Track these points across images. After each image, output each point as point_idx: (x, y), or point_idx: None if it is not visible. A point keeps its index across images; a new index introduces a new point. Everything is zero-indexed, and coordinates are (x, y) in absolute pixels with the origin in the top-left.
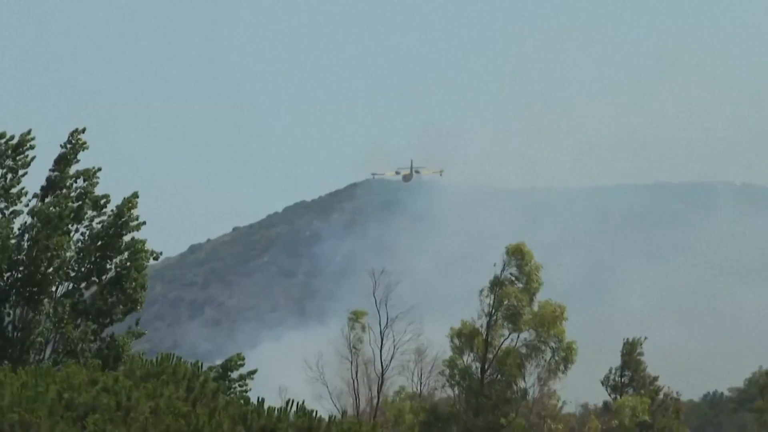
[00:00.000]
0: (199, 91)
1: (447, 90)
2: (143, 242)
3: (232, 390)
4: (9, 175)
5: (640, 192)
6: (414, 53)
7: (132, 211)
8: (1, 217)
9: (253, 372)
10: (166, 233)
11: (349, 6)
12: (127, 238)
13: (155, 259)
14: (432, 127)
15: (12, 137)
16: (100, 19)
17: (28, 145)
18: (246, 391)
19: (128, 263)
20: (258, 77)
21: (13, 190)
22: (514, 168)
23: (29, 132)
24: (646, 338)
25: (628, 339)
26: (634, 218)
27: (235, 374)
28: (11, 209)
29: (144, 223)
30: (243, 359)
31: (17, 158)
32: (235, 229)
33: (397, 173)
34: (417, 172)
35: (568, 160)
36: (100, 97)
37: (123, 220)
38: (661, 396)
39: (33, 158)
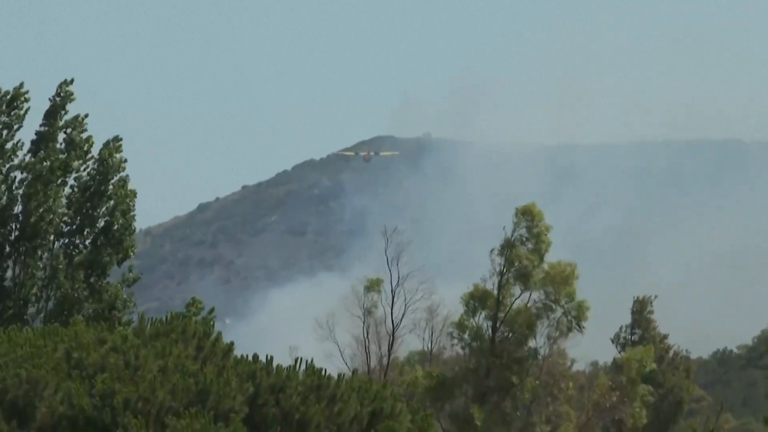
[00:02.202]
0: (208, 47)
1: (477, 45)
2: (125, 184)
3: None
4: (4, 131)
5: (679, 149)
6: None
7: (115, 154)
8: None
9: (212, 310)
10: (174, 192)
11: None
12: (113, 182)
13: (134, 196)
14: (461, 83)
15: (7, 92)
16: None
17: (22, 98)
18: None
19: (115, 210)
20: (269, 31)
21: (9, 146)
22: (548, 125)
23: (21, 85)
24: (656, 296)
25: (638, 297)
26: (672, 176)
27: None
28: (7, 165)
29: (126, 161)
30: (201, 302)
31: (11, 113)
32: (244, 187)
33: (357, 153)
34: (375, 153)
35: (604, 117)
36: (105, 52)
37: (107, 165)
38: (671, 354)
39: (27, 111)
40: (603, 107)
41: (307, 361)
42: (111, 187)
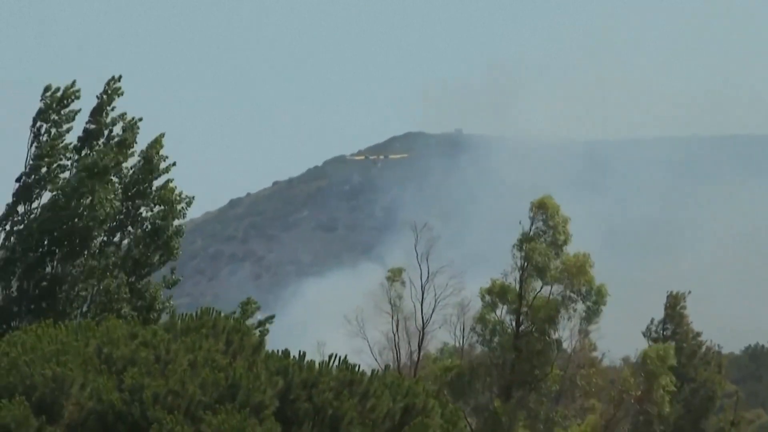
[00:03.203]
0: (239, 44)
1: (509, 40)
2: (173, 189)
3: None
4: (53, 129)
5: (711, 143)
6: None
7: (159, 153)
8: (47, 172)
9: (271, 317)
10: (206, 187)
11: None
12: (157, 182)
13: (188, 204)
14: (494, 78)
15: (57, 89)
16: None
17: (72, 97)
18: (264, 334)
19: (161, 211)
20: (302, 27)
21: (60, 144)
22: (581, 119)
23: (73, 84)
24: (690, 292)
25: (671, 292)
26: (705, 169)
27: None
28: (57, 163)
29: (174, 164)
30: (256, 303)
31: (62, 112)
32: (275, 183)
33: (367, 158)
34: (384, 157)
35: (637, 111)
36: (140, 49)
37: (152, 164)
38: (703, 350)
39: (78, 111)
40: (635, 101)
41: (340, 357)
42: (155, 188)
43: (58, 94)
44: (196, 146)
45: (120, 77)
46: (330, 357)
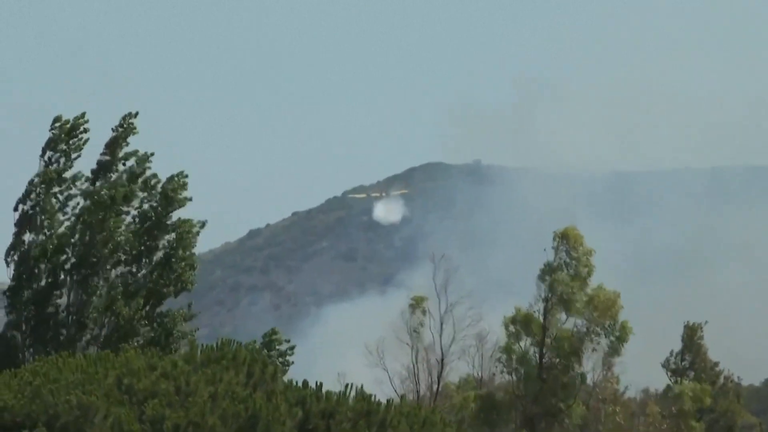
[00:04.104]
0: (258, 74)
1: (531, 67)
2: (189, 221)
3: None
4: (62, 159)
5: (741, 173)
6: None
7: (179, 189)
8: (55, 202)
9: (293, 347)
10: (225, 218)
11: None
12: (175, 216)
13: (201, 227)
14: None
15: (67, 121)
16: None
17: (81, 128)
18: (287, 365)
19: (176, 243)
20: (318, 60)
21: (67, 174)
22: (605, 149)
23: (83, 115)
24: (707, 322)
25: (688, 323)
26: (733, 200)
27: (273, 351)
28: (66, 194)
29: (190, 199)
30: (277, 333)
31: (71, 142)
32: (294, 213)
33: (369, 195)
34: (386, 194)
35: (663, 141)
36: (156, 81)
37: (170, 198)
38: (721, 380)
39: (86, 141)
40: (661, 131)
41: (356, 387)
42: (171, 221)
43: (68, 125)
44: (215, 177)
45: (137, 113)
46: (347, 387)
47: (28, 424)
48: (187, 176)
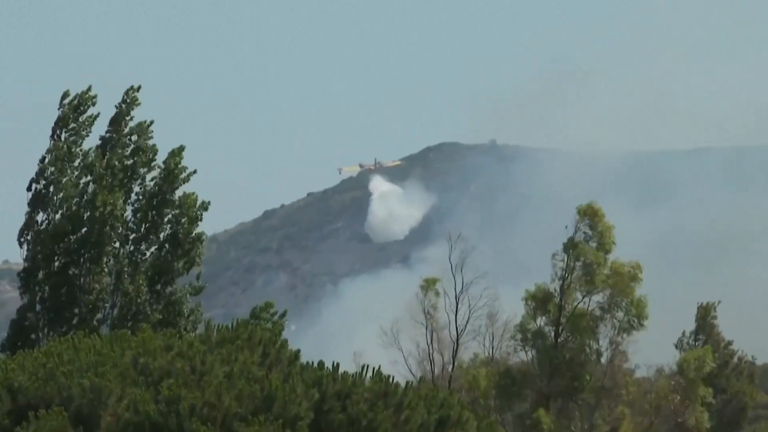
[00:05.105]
0: (273, 56)
1: (551, 46)
2: (193, 195)
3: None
4: (72, 137)
5: (757, 153)
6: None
7: (179, 164)
8: (66, 180)
9: (284, 313)
10: (240, 199)
11: None
12: (178, 192)
13: (205, 209)
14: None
15: (75, 97)
16: None
17: (89, 102)
18: (281, 330)
19: (182, 218)
20: (335, 40)
21: (77, 150)
22: (619, 131)
23: (89, 89)
24: (720, 302)
25: (701, 303)
26: (762, 181)
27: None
28: (76, 173)
29: (195, 172)
30: (273, 305)
31: (79, 119)
32: (309, 194)
33: (361, 166)
34: (379, 164)
35: (688, 121)
36: (170, 59)
37: (172, 174)
38: (735, 359)
39: (96, 117)
40: (686, 111)
41: (374, 368)
42: (177, 197)
43: (75, 101)
44: (231, 158)
45: (139, 87)
46: (363, 368)
47: (42, 406)
48: (184, 147)
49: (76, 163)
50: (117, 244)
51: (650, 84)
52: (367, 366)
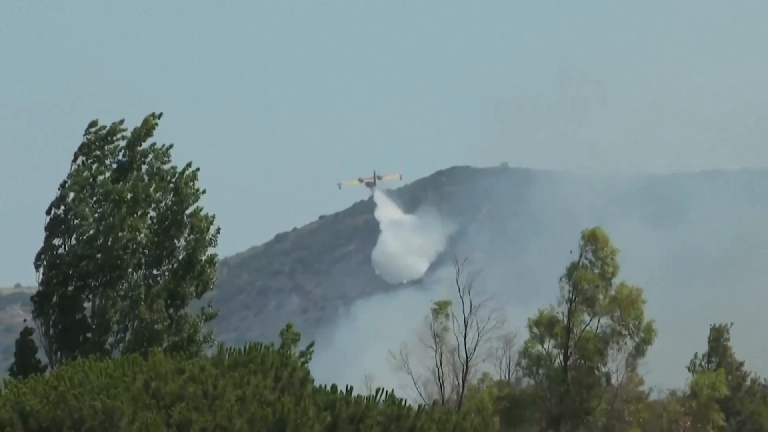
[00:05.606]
0: (284, 77)
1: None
2: (201, 213)
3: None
4: (95, 165)
5: (765, 175)
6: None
7: (191, 183)
8: (84, 205)
9: (311, 345)
10: (252, 222)
11: None
12: (189, 212)
13: (217, 231)
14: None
15: (104, 127)
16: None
17: (120, 135)
18: (306, 362)
19: (194, 242)
20: (346, 63)
21: (100, 178)
22: (635, 153)
23: (122, 122)
24: (732, 324)
25: (714, 324)
26: (763, 201)
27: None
28: (94, 198)
29: (204, 191)
30: (293, 328)
31: (105, 147)
32: (321, 217)
33: (360, 181)
34: (379, 178)
35: (691, 143)
36: (186, 86)
37: (181, 194)
38: (748, 382)
39: (123, 148)
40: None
41: (386, 392)
42: (186, 217)
43: (104, 131)
44: (243, 182)
45: (161, 114)
46: (377, 391)
47: (53, 430)
48: (197, 169)
49: (96, 190)
50: (131, 269)
51: (662, 106)
52: (382, 389)
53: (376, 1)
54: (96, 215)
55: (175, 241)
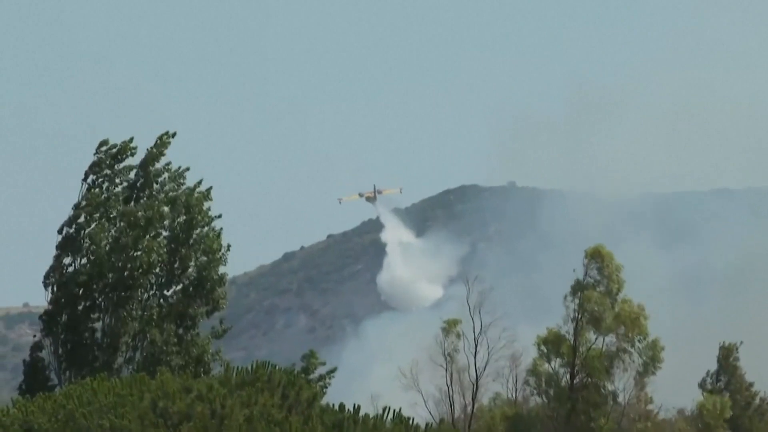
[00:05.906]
0: (290, 101)
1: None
2: (211, 233)
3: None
4: (106, 184)
5: None
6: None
7: (203, 204)
8: (97, 225)
9: (333, 370)
10: (260, 241)
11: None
12: (199, 232)
13: (228, 249)
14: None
15: (114, 145)
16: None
17: (129, 153)
18: (326, 387)
19: (206, 262)
20: (351, 83)
21: (113, 198)
22: (643, 172)
23: (131, 140)
24: (742, 343)
25: (723, 343)
26: None
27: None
28: (106, 217)
29: (219, 216)
30: (318, 358)
31: (116, 166)
32: (329, 236)
33: (360, 195)
34: (379, 192)
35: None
36: (195, 103)
37: (193, 215)
38: (757, 401)
39: (134, 168)
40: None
41: (394, 411)
42: (195, 236)
43: (114, 150)
44: (250, 200)
45: (174, 134)
46: (384, 410)
47: None
48: (210, 188)
49: (109, 211)
50: (142, 290)
51: (670, 125)
52: (389, 408)
53: (383, 19)
54: (108, 235)
55: (186, 262)
